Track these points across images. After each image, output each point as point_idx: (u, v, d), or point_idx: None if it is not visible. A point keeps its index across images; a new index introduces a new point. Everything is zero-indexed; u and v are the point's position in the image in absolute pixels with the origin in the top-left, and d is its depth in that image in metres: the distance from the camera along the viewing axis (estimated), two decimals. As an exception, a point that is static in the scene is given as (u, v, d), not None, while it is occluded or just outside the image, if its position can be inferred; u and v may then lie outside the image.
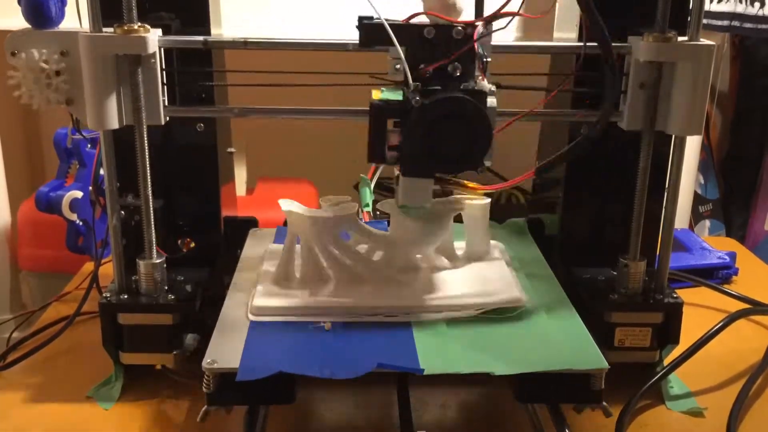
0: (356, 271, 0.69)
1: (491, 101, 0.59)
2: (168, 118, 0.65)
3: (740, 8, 1.43)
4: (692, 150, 1.45)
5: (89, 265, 0.95)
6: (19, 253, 1.35)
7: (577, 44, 0.65)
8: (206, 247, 0.75)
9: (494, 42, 0.60)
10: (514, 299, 0.67)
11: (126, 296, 0.67)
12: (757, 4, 1.41)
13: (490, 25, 0.58)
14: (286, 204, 0.69)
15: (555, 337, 0.62)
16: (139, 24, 0.60)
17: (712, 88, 1.62)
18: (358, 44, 0.59)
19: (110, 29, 0.60)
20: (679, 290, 0.71)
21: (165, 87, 0.64)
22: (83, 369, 0.72)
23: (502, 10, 0.58)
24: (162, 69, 0.63)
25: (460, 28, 0.58)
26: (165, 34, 0.64)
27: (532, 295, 0.69)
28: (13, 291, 1.36)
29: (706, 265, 0.96)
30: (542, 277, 0.74)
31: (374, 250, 0.72)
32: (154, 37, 0.61)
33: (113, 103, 0.61)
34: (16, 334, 0.84)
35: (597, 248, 0.76)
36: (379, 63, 0.62)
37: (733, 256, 0.97)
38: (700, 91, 0.62)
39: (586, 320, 0.65)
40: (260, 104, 0.67)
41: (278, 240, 0.80)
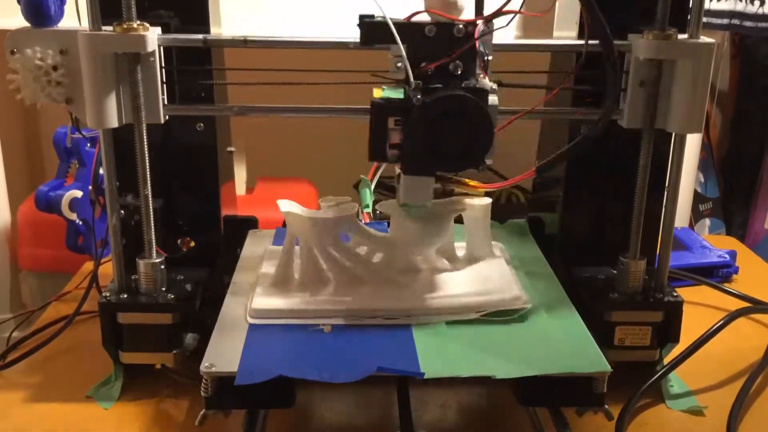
0: (356, 272, 0.69)
1: (493, 99, 0.59)
2: (167, 117, 0.64)
3: (740, 7, 1.43)
4: (692, 148, 1.44)
5: (89, 265, 0.95)
6: (19, 253, 1.35)
7: (578, 42, 0.65)
8: (206, 246, 0.75)
9: (496, 41, 0.60)
10: (514, 298, 0.66)
11: (126, 296, 0.67)
12: (756, 3, 1.41)
13: (491, 24, 0.58)
14: (285, 205, 0.68)
15: (556, 340, 0.62)
16: (139, 22, 0.60)
17: (712, 87, 1.62)
18: (359, 42, 0.59)
19: (109, 28, 0.60)
20: (679, 289, 0.71)
21: (164, 86, 0.64)
22: (83, 369, 0.72)
23: (504, 8, 0.58)
24: (161, 67, 0.63)
25: (461, 26, 0.58)
26: (164, 32, 0.64)
27: (533, 294, 0.68)
28: (13, 291, 1.36)
29: (707, 263, 0.96)
30: (542, 276, 0.74)
31: (374, 252, 0.71)
32: (153, 36, 0.61)
33: (112, 102, 0.61)
34: (16, 334, 0.84)
35: (597, 247, 0.76)
36: (381, 61, 0.62)
37: (733, 255, 0.97)
38: (700, 88, 0.62)
39: (586, 319, 0.65)
40: (260, 103, 0.67)
41: (277, 241, 0.79)
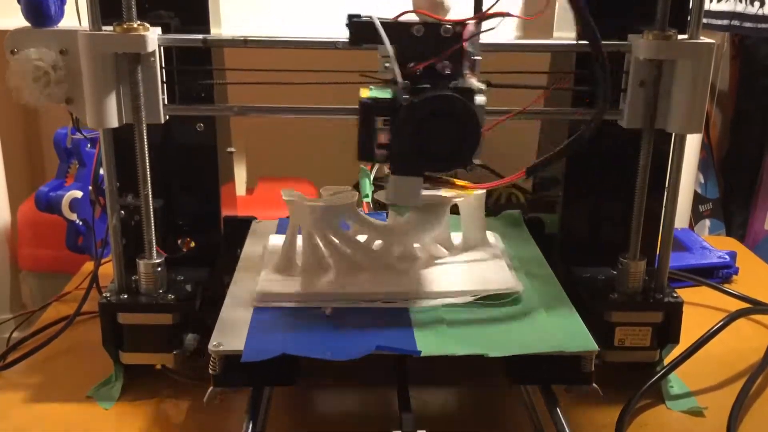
0: (356, 259, 0.71)
1: (480, 99, 0.59)
2: (167, 117, 0.65)
3: (740, 7, 1.43)
4: (692, 149, 1.44)
5: (89, 265, 0.95)
6: (19, 253, 1.35)
7: (572, 43, 0.65)
8: (206, 246, 0.75)
9: (490, 40, 0.60)
10: (507, 283, 0.69)
11: (126, 296, 0.67)
12: (756, 4, 1.41)
13: (479, 25, 0.58)
14: (288, 194, 0.70)
15: (548, 322, 0.64)
16: (139, 22, 0.60)
17: (712, 88, 1.62)
18: (348, 42, 0.59)
19: (109, 28, 0.60)
20: (679, 289, 0.71)
21: (164, 86, 0.64)
22: (83, 369, 0.72)
23: (491, 10, 0.58)
24: (161, 67, 0.63)
25: (449, 26, 0.58)
26: (164, 32, 0.64)
27: (527, 285, 0.70)
28: (13, 291, 1.36)
29: (706, 264, 0.96)
30: (535, 265, 0.76)
31: (373, 239, 0.73)
32: (153, 36, 0.61)
33: (113, 102, 0.61)
34: (16, 334, 0.84)
35: (597, 247, 0.76)
36: (374, 61, 0.62)
37: (733, 256, 0.97)
38: (700, 89, 0.62)
39: (586, 319, 0.65)
40: (260, 103, 0.67)
41: (280, 231, 0.82)
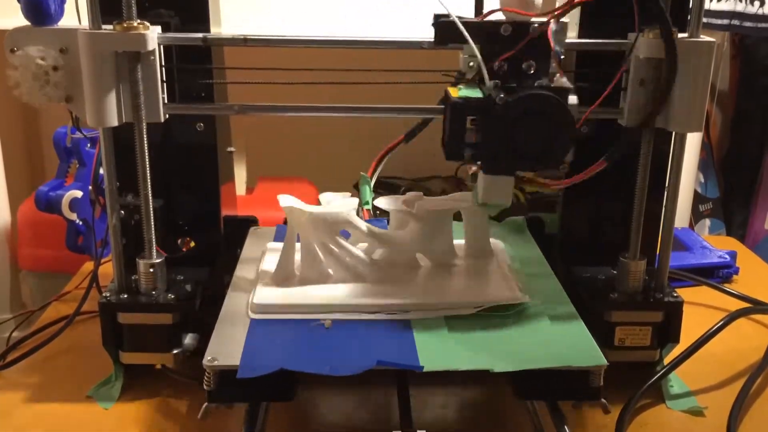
0: (356, 268, 0.69)
1: (573, 98, 0.58)
2: (167, 116, 0.64)
3: (740, 7, 1.43)
4: (692, 148, 1.45)
5: (89, 265, 0.95)
6: (19, 253, 1.35)
7: (575, 42, 0.65)
8: (206, 246, 0.75)
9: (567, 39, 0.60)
10: (511, 294, 0.67)
11: (126, 296, 0.67)
12: (756, 3, 1.41)
13: (562, 21, 0.58)
14: (286, 200, 0.68)
15: (554, 334, 0.62)
16: (139, 21, 0.60)
17: (712, 87, 1.62)
18: (434, 43, 0.59)
19: (109, 26, 0.60)
20: (680, 289, 0.71)
21: (164, 84, 0.64)
22: (83, 369, 0.72)
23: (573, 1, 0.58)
24: (161, 66, 0.63)
25: (536, 24, 0.58)
26: (164, 31, 0.64)
27: (532, 293, 0.68)
28: (13, 291, 1.36)
29: (707, 264, 0.96)
30: (542, 275, 0.74)
31: (374, 249, 0.72)
32: (153, 35, 0.61)
33: (112, 101, 0.61)
34: (16, 334, 0.84)
35: (597, 247, 0.76)
36: (377, 61, 0.62)
37: (733, 255, 0.97)
38: (700, 87, 0.61)
39: (586, 319, 0.65)
40: (260, 103, 0.67)
41: (278, 238, 0.79)
